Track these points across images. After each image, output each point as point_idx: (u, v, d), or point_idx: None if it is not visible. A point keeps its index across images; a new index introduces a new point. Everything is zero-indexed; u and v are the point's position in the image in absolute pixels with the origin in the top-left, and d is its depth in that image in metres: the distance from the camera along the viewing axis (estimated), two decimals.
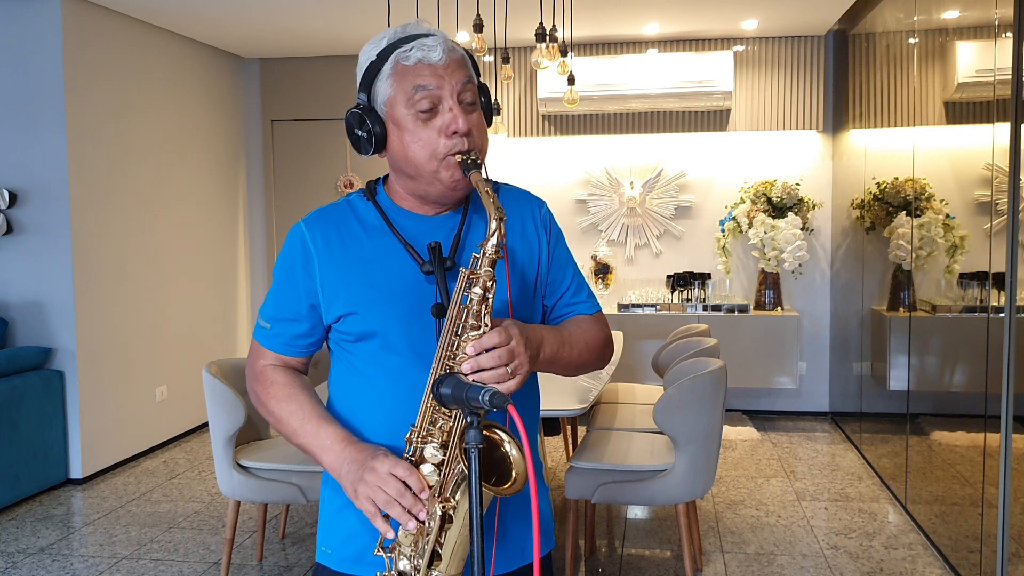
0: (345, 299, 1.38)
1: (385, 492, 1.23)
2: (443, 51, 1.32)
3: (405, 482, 1.23)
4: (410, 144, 1.33)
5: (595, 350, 1.49)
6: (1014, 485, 2.91)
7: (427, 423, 1.26)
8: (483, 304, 1.24)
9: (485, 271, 1.25)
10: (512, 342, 1.24)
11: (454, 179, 1.33)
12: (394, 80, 1.33)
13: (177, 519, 4.11)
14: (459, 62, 1.35)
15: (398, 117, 1.34)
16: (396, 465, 1.24)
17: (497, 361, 1.22)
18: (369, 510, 1.25)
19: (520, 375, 1.25)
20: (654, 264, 6.11)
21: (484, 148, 1.38)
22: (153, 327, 5.28)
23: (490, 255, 1.25)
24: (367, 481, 1.25)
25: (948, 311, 3.65)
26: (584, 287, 1.54)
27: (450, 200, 1.40)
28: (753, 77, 5.81)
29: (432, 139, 1.32)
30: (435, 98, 1.32)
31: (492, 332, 1.23)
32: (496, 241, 1.25)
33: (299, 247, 1.41)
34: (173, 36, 5.52)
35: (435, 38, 1.33)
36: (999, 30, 3.02)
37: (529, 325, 1.34)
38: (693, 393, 3.04)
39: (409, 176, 1.38)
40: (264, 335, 1.47)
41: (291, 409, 1.41)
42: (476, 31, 3.68)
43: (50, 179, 4.58)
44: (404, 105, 1.33)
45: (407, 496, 1.22)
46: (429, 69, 1.32)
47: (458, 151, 1.32)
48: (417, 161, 1.34)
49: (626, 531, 3.92)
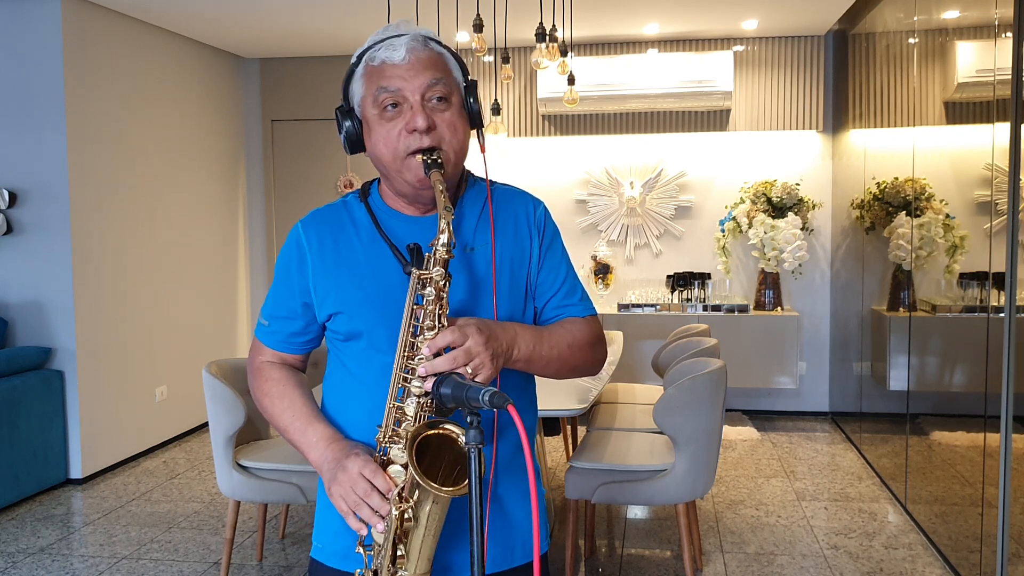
0: (335, 299, 1.41)
1: (355, 492, 1.25)
2: (407, 51, 1.33)
3: (371, 482, 1.25)
4: (377, 143, 1.36)
5: (580, 351, 1.45)
6: (1014, 485, 2.91)
7: (392, 424, 1.28)
8: (438, 304, 1.25)
9: (437, 271, 1.25)
10: (469, 341, 1.23)
11: (418, 178, 1.34)
12: (364, 81, 1.36)
13: (177, 519, 4.11)
14: (427, 62, 1.34)
15: (368, 117, 1.37)
16: (365, 466, 1.26)
17: (452, 363, 1.21)
18: (342, 508, 1.28)
19: (483, 375, 1.23)
20: (654, 264, 6.11)
21: (461, 146, 1.38)
22: (153, 327, 5.28)
23: (441, 255, 1.26)
24: (340, 481, 1.28)
25: (948, 311, 3.65)
26: (577, 290, 1.51)
27: (426, 199, 1.40)
28: (753, 77, 5.81)
29: (393, 137, 1.33)
30: (398, 97, 1.33)
31: (446, 332, 1.23)
32: (446, 240, 1.26)
33: (295, 247, 1.45)
34: (173, 36, 5.53)
35: (404, 38, 1.34)
36: (999, 30, 3.02)
37: (501, 323, 1.33)
38: (693, 393, 3.04)
39: (384, 175, 1.41)
40: (263, 332, 1.51)
41: (283, 406, 1.45)
42: (476, 31, 3.68)
43: (50, 179, 4.58)
44: (372, 105, 1.35)
45: (374, 496, 1.24)
46: (392, 69, 1.33)
47: (416, 149, 1.32)
48: (384, 160, 1.36)
49: (626, 531, 3.92)
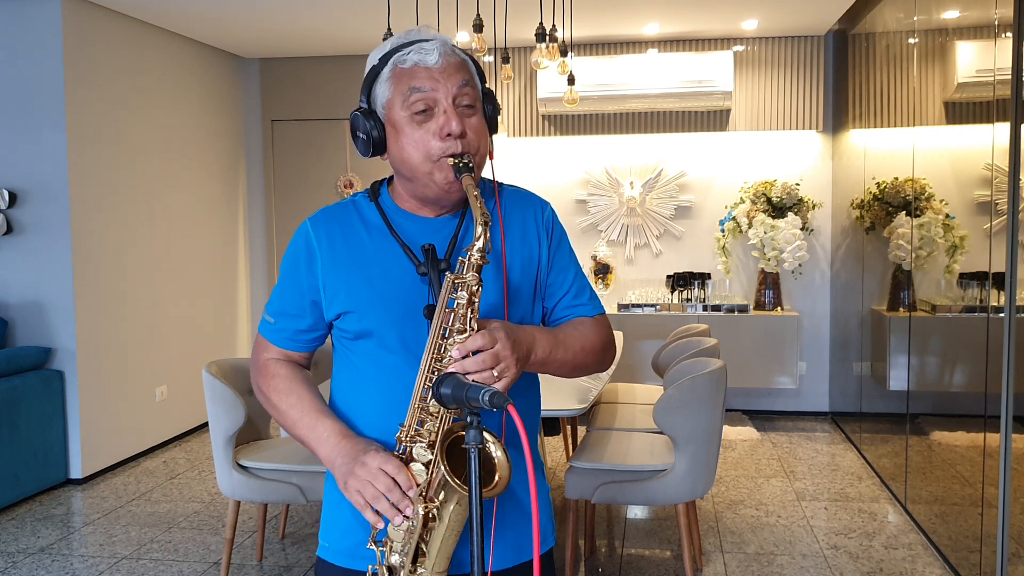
0: (345, 297, 1.41)
1: (374, 487, 1.26)
2: (439, 55, 1.34)
3: (394, 478, 1.25)
4: (405, 146, 1.35)
5: (593, 352, 1.49)
6: (1014, 485, 2.91)
7: (415, 424, 1.29)
8: (469, 308, 1.26)
9: (471, 276, 1.26)
10: (497, 345, 1.25)
11: (448, 181, 1.35)
12: (392, 83, 1.36)
13: (177, 519, 4.11)
14: (457, 66, 1.36)
15: (395, 119, 1.36)
16: (387, 461, 1.27)
17: (482, 365, 1.23)
18: (358, 502, 1.28)
19: (507, 378, 1.25)
20: (654, 264, 6.11)
21: (484, 152, 1.40)
22: (153, 327, 5.28)
23: (476, 260, 1.27)
24: (357, 475, 1.28)
25: (948, 311, 3.65)
26: (586, 289, 1.54)
27: (447, 202, 1.41)
28: (753, 77, 5.81)
29: (426, 141, 1.34)
30: (430, 100, 1.34)
31: (477, 335, 1.24)
32: (482, 246, 1.26)
33: (304, 245, 1.45)
34: (173, 36, 5.52)
35: (433, 42, 1.36)
36: (999, 30, 3.02)
37: (520, 327, 1.35)
38: (693, 393, 3.04)
39: (407, 178, 1.40)
40: (268, 329, 1.51)
41: (291, 402, 1.45)
42: (476, 31, 3.68)
43: (50, 179, 4.58)
44: (400, 107, 1.35)
45: (395, 492, 1.25)
46: (425, 72, 1.34)
47: (451, 154, 1.33)
48: (412, 163, 1.36)
49: (626, 531, 3.92)
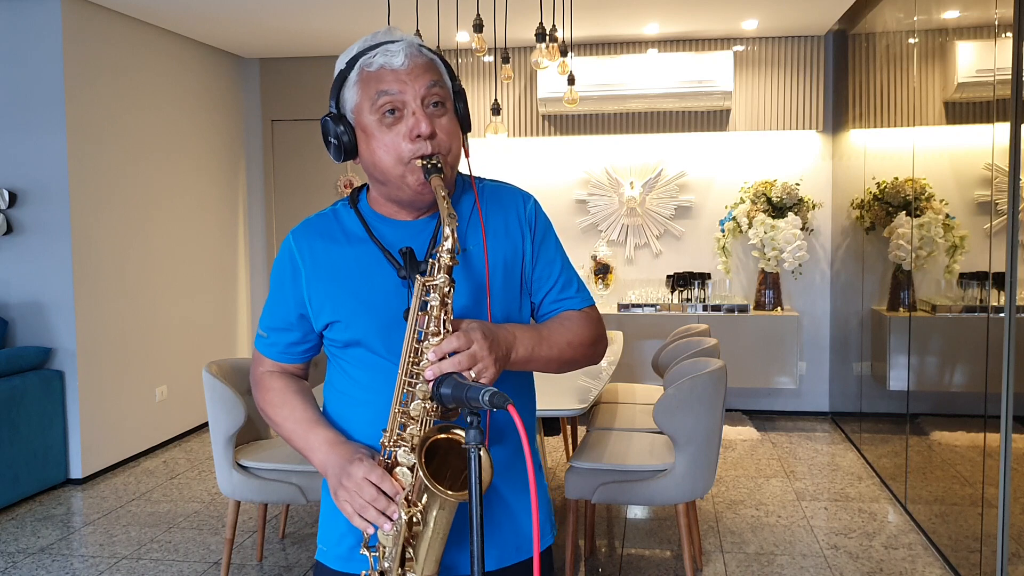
0: (330, 309, 1.41)
1: (360, 497, 1.27)
2: (405, 56, 1.33)
3: (379, 487, 1.27)
4: (376, 150, 1.34)
5: (581, 346, 1.46)
6: (1014, 485, 2.91)
7: (396, 428, 1.29)
8: (443, 309, 1.25)
9: (442, 277, 1.25)
10: (473, 346, 1.23)
11: (420, 183, 1.33)
12: (359, 87, 1.34)
13: (177, 519, 4.11)
14: (424, 66, 1.34)
15: (364, 123, 1.35)
16: (371, 470, 1.28)
17: (457, 367, 1.22)
18: (347, 511, 1.30)
19: (486, 378, 1.24)
20: (654, 264, 6.11)
21: (457, 151, 1.38)
22: (153, 327, 5.28)
23: (445, 261, 1.26)
24: (344, 486, 1.30)
25: (948, 311, 3.65)
26: (574, 281, 1.52)
27: (422, 204, 1.40)
28: (753, 77, 5.81)
29: (396, 144, 1.32)
30: (398, 102, 1.32)
31: (452, 337, 1.23)
32: (450, 246, 1.25)
33: (288, 260, 1.45)
34: (173, 36, 5.52)
35: (399, 44, 1.34)
36: (999, 30, 3.02)
37: (500, 326, 1.34)
38: (693, 393, 3.04)
39: (380, 182, 1.39)
40: (262, 344, 1.53)
41: (285, 414, 1.47)
42: (476, 31, 3.68)
43: (50, 179, 4.58)
44: (369, 111, 1.34)
45: (380, 500, 1.26)
46: (392, 74, 1.32)
47: (420, 155, 1.32)
48: (384, 166, 1.34)
49: (626, 531, 3.92)
